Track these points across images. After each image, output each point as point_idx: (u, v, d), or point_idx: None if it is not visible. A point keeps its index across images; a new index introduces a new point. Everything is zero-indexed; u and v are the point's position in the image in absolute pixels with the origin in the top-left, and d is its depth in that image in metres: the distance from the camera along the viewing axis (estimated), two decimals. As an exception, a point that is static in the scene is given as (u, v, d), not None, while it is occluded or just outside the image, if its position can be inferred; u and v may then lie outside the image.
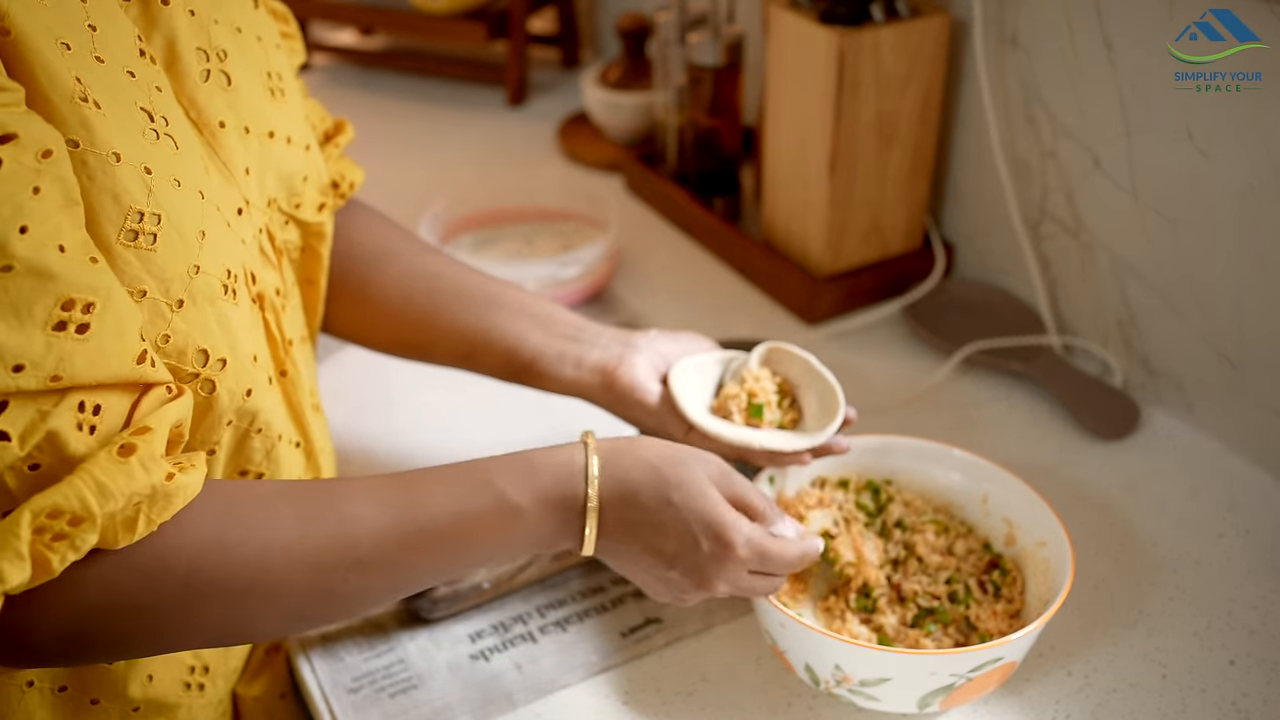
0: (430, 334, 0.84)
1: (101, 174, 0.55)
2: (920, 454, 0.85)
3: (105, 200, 0.55)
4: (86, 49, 0.56)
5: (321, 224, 0.78)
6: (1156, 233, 0.96)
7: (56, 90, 0.54)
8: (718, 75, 1.23)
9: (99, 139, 0.55)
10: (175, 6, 0.64)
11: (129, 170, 0.56)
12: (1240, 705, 0.75)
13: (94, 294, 0.53)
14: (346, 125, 0.87)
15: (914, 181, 1.13)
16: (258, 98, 0.70)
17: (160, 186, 0.58)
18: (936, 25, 1.06)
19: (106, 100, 0.56)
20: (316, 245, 0.78)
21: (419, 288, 0.84)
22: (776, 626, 0.73)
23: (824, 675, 0.73)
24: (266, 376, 0.68)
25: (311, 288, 0.80)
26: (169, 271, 0.58)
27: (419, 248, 0.88)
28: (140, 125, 0.58)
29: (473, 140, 1.55)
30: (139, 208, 0.56)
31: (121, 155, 0.56)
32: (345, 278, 0.85)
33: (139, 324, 0.56)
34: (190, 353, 0.60)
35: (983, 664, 0.69)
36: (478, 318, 0.83)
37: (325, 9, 1.69)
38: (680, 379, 0.81)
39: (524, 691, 0.77)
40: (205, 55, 0.66)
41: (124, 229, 0.56)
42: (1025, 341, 1.06)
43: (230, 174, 0.67)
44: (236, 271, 0.64)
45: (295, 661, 0.80)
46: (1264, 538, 0.88)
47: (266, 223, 0.72)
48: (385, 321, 0.85)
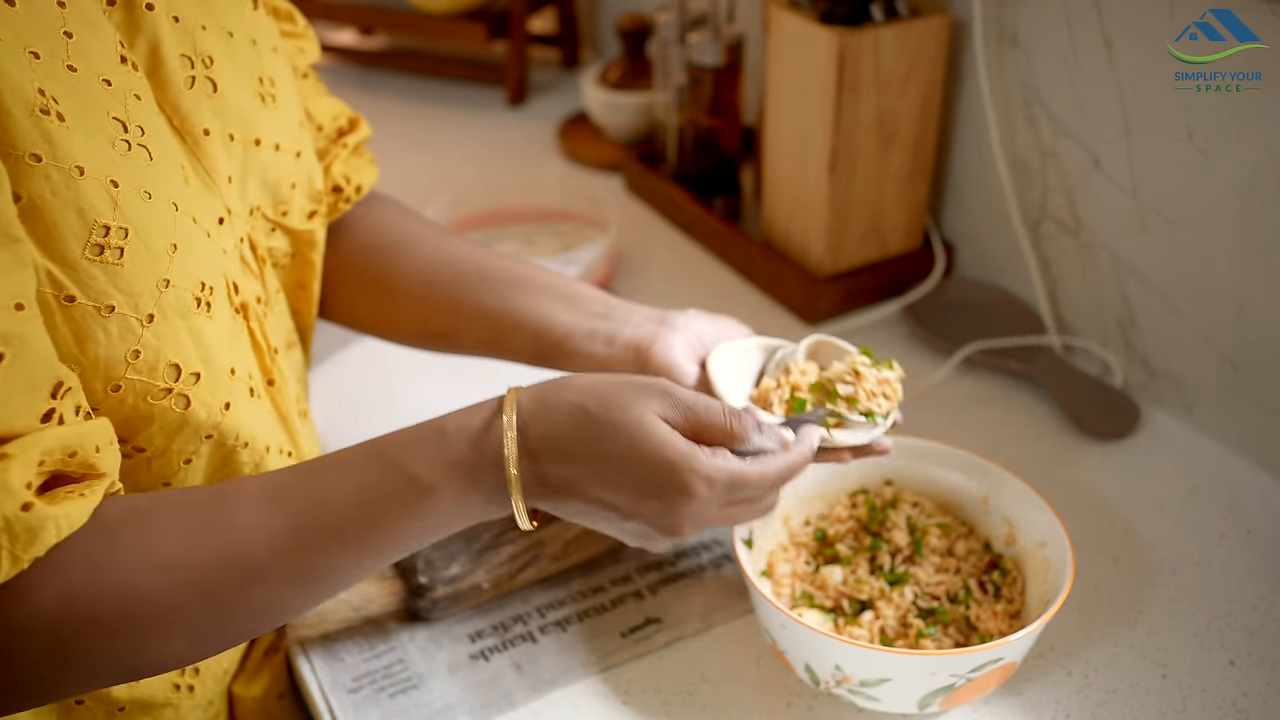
0: (455, 320, 0.81)
1: (65, 188, 0.54)
2: (922, 454, 0.85)
3: (69, 215, 0.54)
4: (58, 57, 0.55)
5: (311, 231, 0.77)
6: (1156, 233, 0.96)
7: (17, 102, 0.52)
8: (718, 75, 1.23)
9: (62, 152, 0.54)
10: (159, 12, 0.63)
11: (94, 184, 0.55)
12: (1240, 705, 0.75)
13: (4, 344, 0.50)
14: (361, 122, 0.86)
15: (914, 181, 1.13)
16: (246, 104, 0.69)
17: (128, 199, 0.57)
18: (936, 25, 1.06)
19: (75, 111, 0.55)
20: (307, 252, 0.77)
21: (442, 274, 0.81)
22: (777, 627, 0.73)
23: (824, 675, 0.72)
24: (248, 388, 0.66)
25: (303, 292, 0.79)
26: (137, 285, 0.57)
27: (439, 234, 0.85)
28: (111, 136, 0.57)
29: (473, 140, 1.55)
30: (104, 221, 0.55)
31: (86, 169, 0.55)
32: (366, 269, 0.82)
33: (53, 379, 0.53)
34: (161, 368, 0.59)
35: (982, 664, 0.69)
36: (504, 300, 0.80)
37: (325, 9, 1.69)
38: (720, 363, 0.78)
39: (524, 691, 0.77)
40: (190, 62, 0.65)
41: (89, 243, 0.55)
42: (1025, 341, 1.06)
43: (213, 183, 0.66)
44: (213, 283, 0.62)
45: (295, 661, 0.80)
46: (1264, 538, 0.88)
47: (248, 231, 0.71)
48: (409, 311, 0.82)
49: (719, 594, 0.84)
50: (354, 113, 0.86)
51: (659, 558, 0.87)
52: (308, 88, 0.82)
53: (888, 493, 0.86)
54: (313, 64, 0.83)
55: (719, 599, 0.83)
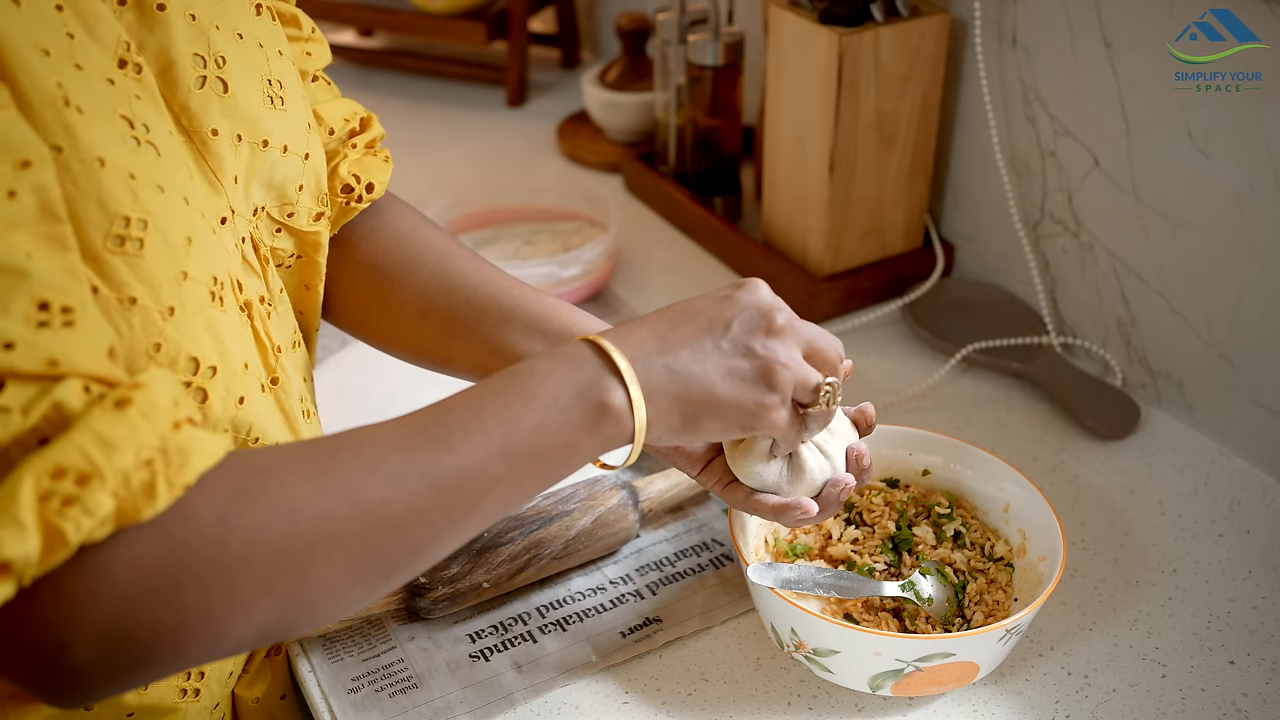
0: (447, 351, 0.82)
1: (86, 179, 0.54)
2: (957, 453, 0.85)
3: (90, 206, 0.54)
4: (65, 56, 0.55)
5: (317, 234, 0.77)
6: (1156, 233, 0.96)
7: (39, 95, 0.53)
8: (718, 75, 1.23)
9: (83, 144, 0.54)
10: (173, 12, 0.64)
11: (114, 175, 0.55)
12: (1240, 705, 0.75)
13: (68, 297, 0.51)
14: (373, 121, 0.86)
15: (914, 181, 1.13)
16: (255, 105, 0.69)
17: (145, 192, 0.57)
18: (936, 25, 1.06)
19: (88, 106, 0.55)
20: (312, 254, 0.77)
21: (435, 303, 0.82)
22: (753, 585, 0.75)
23: (785, 639, 0.74)
24: (259, 384, 0.67)
25: (308, 293, 0.79)
26: (158, 278, 0.57)
27: (440, 257, 0.85)
28: (121, 132, 0.57)
29: (473, 140, 1.55)
30: (124, 213, 0.56)
31: (106, 160, 0.55)
32: (370, 291, 0.83)
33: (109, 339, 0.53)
34: (182, 361, 0.59)
35: (930, 655, 0.70)
36: (490, 336, 0.80)
37: (325, 9, 1.69)
38: None
39: (524, 691, 0.77)
40: (203, 61, 0.65)
41: (110, 235, 0.55)
42: (1025, 341, 1.06)
43: (219, 183, 0.66)
44: (224, 279, 0.63)
45: (294, 661, 0.80)
46: (1264, 538, 0.88)
47: (251, 231, 0.71)
48: (406, 336, 0.83)
49: (719, 594, 0.84)
50: (367, 112, 0.86)
51: (659, 557, 0.87)
52: (318, 91, 0.82)
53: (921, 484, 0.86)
54: (323, 68, 0.83)
55: (719, 599, 0.83)
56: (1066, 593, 0.84)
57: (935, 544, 0.82)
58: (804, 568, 0.76)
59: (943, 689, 0.74)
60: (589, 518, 0.84)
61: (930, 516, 0.84)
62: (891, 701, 0.76)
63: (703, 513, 0.91)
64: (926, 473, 0.86)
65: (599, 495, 0.86)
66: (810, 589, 0.76)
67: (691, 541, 0.89)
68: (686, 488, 0.90)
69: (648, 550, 0.88)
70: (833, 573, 0.77)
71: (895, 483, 0.86)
